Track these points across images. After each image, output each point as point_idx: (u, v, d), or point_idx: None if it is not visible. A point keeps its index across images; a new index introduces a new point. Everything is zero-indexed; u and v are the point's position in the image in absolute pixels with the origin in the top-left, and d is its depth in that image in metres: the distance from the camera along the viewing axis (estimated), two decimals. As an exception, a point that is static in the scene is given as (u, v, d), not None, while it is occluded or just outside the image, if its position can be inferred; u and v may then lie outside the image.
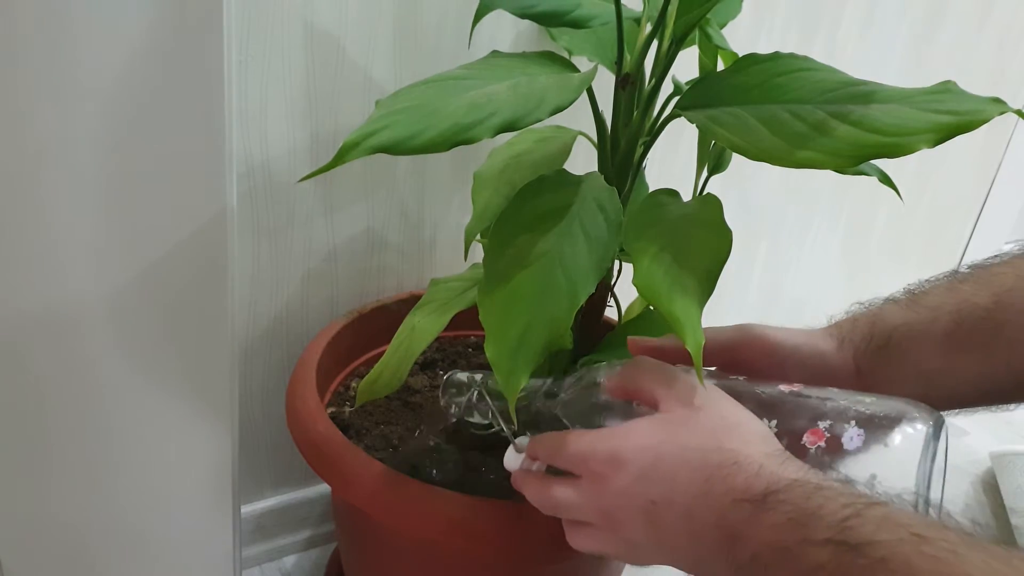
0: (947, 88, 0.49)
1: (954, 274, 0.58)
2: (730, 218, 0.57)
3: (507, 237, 0.54)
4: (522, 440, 0.57)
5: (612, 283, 0.70)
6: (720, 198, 0.59)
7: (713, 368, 0.56)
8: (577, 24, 0.64)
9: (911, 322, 0.56)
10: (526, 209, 0.56)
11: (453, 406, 0.66)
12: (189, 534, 0.70)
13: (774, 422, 0.48)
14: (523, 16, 0.64)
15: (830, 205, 1.28)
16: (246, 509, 0.90)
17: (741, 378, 0.54)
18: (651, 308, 0.73)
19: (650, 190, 0.66)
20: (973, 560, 0.35)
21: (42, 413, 0.59)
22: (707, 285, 0.52)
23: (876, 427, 0.46)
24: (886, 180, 0.71)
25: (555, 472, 0.52)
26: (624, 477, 0.45)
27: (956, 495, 1.19)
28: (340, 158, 0.47)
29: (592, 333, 0.69)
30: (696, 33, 0.68)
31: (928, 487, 0.44)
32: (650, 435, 0.46)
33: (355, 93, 0.77)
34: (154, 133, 0.54)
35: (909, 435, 0.45)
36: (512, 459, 0.56)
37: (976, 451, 1.25)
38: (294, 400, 0.70)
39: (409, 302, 0.73)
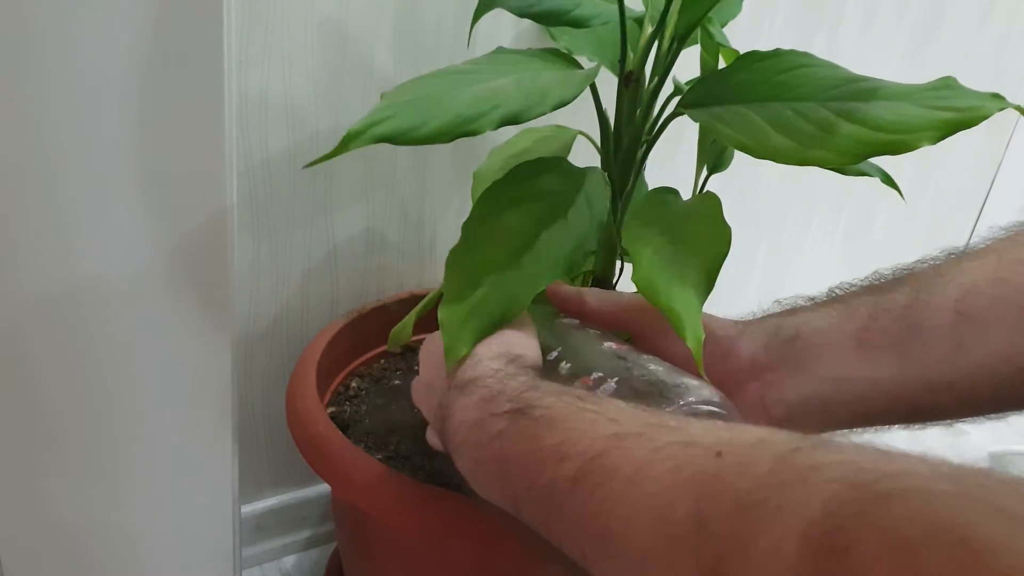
0: (947, 84, 0.49)
1: (878, 276, 0.55)
2: (730, 217, 0.57)
3: (491, 210, 0.55)
4: None
5: (614, 283, 0.70)
6: (720, 197, 0.59)
7: (567, 320, 0.60)
8: (577, 23, 0.64)
9: (822, 318, 0.53)
10: (518, 187, 0.56)
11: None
12: (189, 534, 0.69)
13: (569, 365, 0.53)
14: (522, 15, 0.64)
15: (830, 205, 1.28)
16: (246, 509, 0.90)
17: (590, 329, 0.58)
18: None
19: (650, 189, 0.66)
20: (615, 407, 0.41)
21: (42, 413, 0.59)
22: (707, 281, 0.52)
23: (636, 393, 0.49)
24: (888, 180, 0.71)
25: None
26: (423, 362, 0.57)
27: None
28: (344, 146, 0.47)
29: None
30: (698, 32, 0.68)
31: None
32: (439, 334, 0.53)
33: (356, 93, 0.77)
34: (154, 133, 0.54)
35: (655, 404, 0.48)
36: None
37: (976, 451, 1.25)
38: (294, 400, 0.70)
39: (409, 302, 0.73)
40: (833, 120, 0.49)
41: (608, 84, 0.61)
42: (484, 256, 0.53)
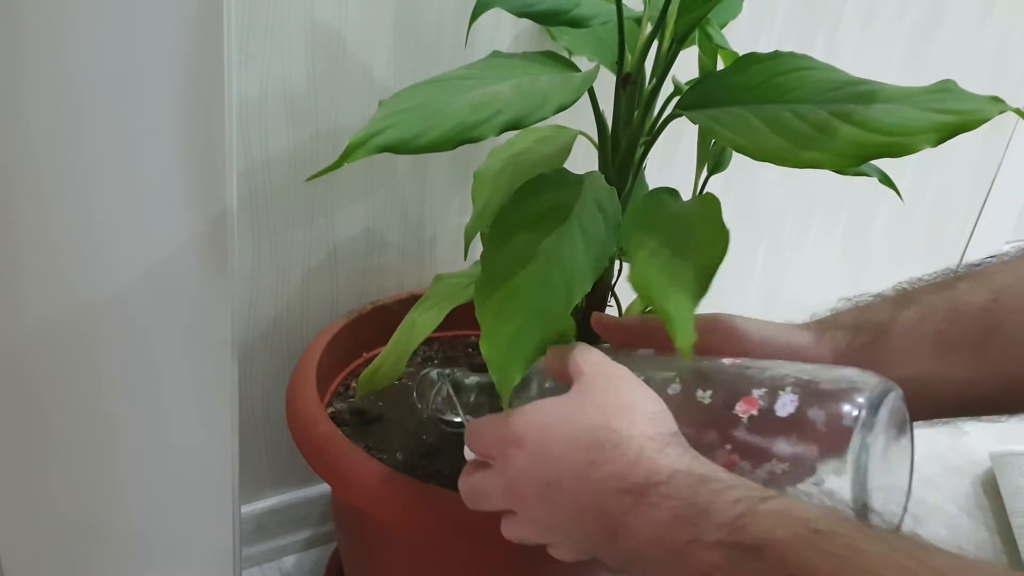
0: (947, 87, 0.49)
1: (949, 272, 0.55)
2: (730, 218, 0.56)
3: (505, 234, 0.54)
4: None
5: (612, 283, 0.70)
6: (720, 198, 0.59)
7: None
8: (576, 23, 0.64)
9: (900, 320, 0.53)
10: (525, 207, 0.56)
11: (426, 404, 0.65)
12: (189, 534, 0.70)
13: (708, 392, 0.47)
14: (521, 15, 0.64)
15: (830, 205, 1.28)
16: (246, 509, 0.90)
17: (654, 353, 0.53)
18: (651, 308, 0.73)
19: (650, 190, 0.66)
20: (875, 554, 0.33)
21: (42, 413, 0.59)
22: (703, 283, 0.51)
23: (812, 393, 0.44)
24: (886, 180, 0.71)
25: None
26: (523, 455, 0.44)
27: (956, 495, 1.19)
28: (345, 157, 0.47)
29: (592, 332, 0.69)
30: (696, 33, 0.68)
31: (867, 456, 0.41)
32: (548, 413, 0.45)
33: (355, 93, 0.77)
34: (154, 133, 0.54)
35: (848, 403, 0.43)
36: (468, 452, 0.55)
37: (976, 451, 1.25)
38: (294, 400, 0.70)
39: (409, 302, 0.73)
40: (831, 122, 0.49)
41: (608, 84, 0.61)
42: (511, 284, 0.52)
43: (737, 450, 0.44)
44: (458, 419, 0.62)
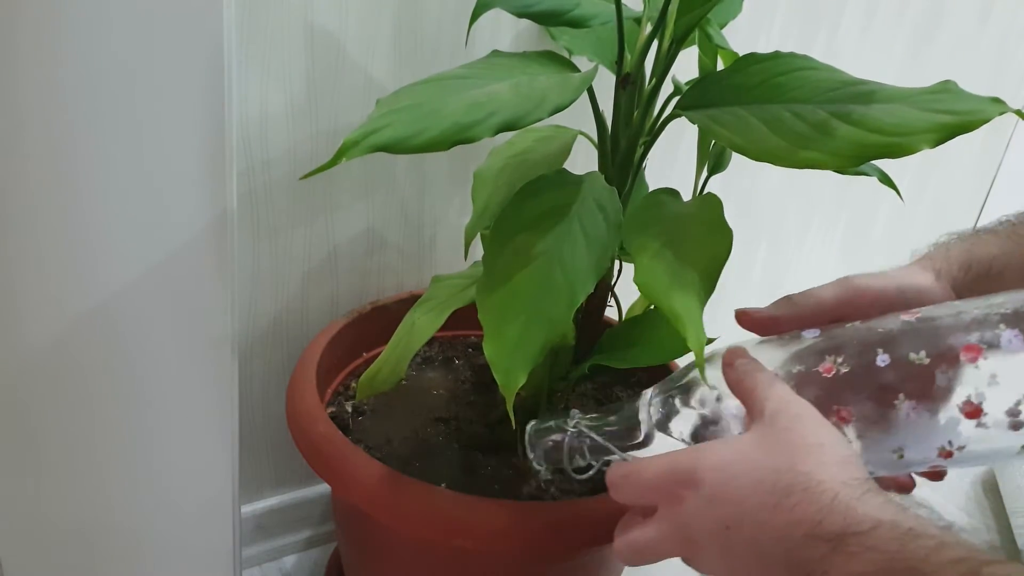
0: (947, 88, 0.49)
1: None
2: (730, 218, 0.57)
3: (506, 236, 0.54)
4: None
5: (612, 283, 0.70)
6: (720, 198, 0.59)
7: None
8: (576, 23, 0.64)
9: (1011, 252, 0.52)
10: (526, 208, 0.56)
11: (546, 459, 0.57)
12: (189, 534, 0.70)
13: (922, 353, 0.44)
14: (521, 15, 0.64)
15: (830, 205, 1.28)
16: (246, 509, 0.90)
17: (856, 323, 0.49)
18: (652, 308, 0.73)
19: (650, 190, 0.66)
20: None
21: (42, 413, 0.59)
22: (708, 283, 0.52)
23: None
24: (886, 180, 0.71)
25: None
26: (698, 497, 0.41)
27: (956, 495, 1.19)
28: (340, 156, 0.47)
29: (592, 332, 0.69)
30: (696, 33, 0.68)
31: None
32: (724, 452, 0.42)
33: (355, 93, 0.77)
34: (154, 133, 0.54)
35: None
36: None
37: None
38: (294, 400, 0.70)
39: (409, 302, 0.73)
40: (830, 122, 0.49)
41: (608, 84, 0.61)
42: (513, 286, 0.52)
43: (979, 399, 0.43)
44: (585, 462, 0.56)
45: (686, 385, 0.52)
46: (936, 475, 0.49)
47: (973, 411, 0.43)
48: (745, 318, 0.52)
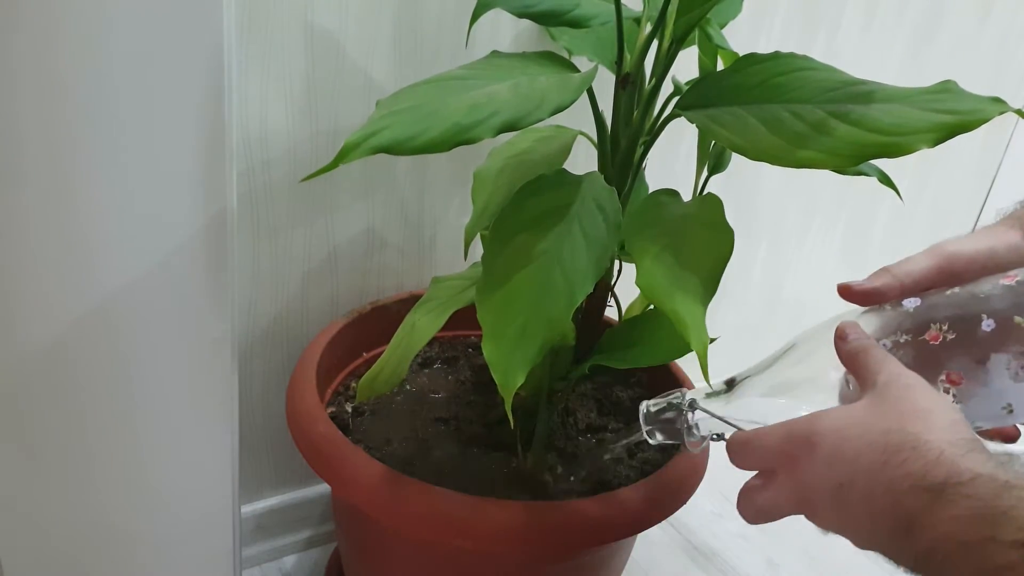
0: (947, 88, 0.49)
1: None
2: (730, 218, 0.57)
3: (506, 236, 0.54)
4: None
5: (612, 283, 0.70)
6: (720, 198, 0.59)
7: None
8: (576, 23, 0.64)
9: None
10: (525, 208, 0.56)
11: (661, 432, 0.59)
12: (189, 534, 0.70)
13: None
14: (522, 15, 0.64)
15: (830, 205, 1.28)
16: (246, 509, 0.90)
17: (955, 289, 0.51)
18: (652, 308, 0.73)
19: (650, 190, 0.66)
20: None
21: (41, 413, 0.59)
22: (710, 284, 0.52)
23: None
24: (886, 180, 0.71)
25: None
26: (815, 459, 0.44)
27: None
28: (341, 158, 0.47)
29: (592, 332, 0.69)
30: (696, 33, 0.68)
31: None
32: (839, 418, 0.45)
33: (355, 93, 0.77)
34: (154, 133, 0.54)
35: None
36: None
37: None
38: (294, 400, 0.70)
39: (409, 302, 0.73)
40: (829, 122, 0.49)
41: (608, 84, 0.61)
42: (513, 286, 0.52)
43: None
44: (703, 438, 0.58)
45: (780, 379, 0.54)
46: None
47: None
48: (847, 292, 0.53)
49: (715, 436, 0.56)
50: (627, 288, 0.58)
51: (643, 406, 0.59)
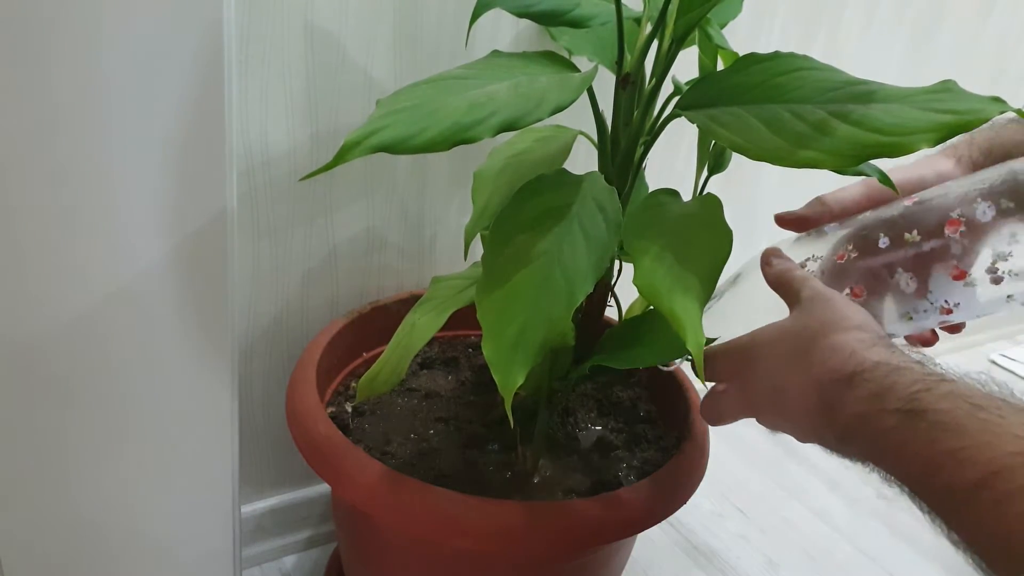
0: (947, 87, 0.49)
1: None
2: (730, 218, 0.57)
3: (506, 236, 0.54)
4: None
5: (612, 283, 0.70)
6: (720, 198, 0.59)
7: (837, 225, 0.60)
8: (576, 23, 0.64)
9: None
10: (525, 208, 0.56)
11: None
12: (189, 534, 0.70)
13: (915, 232, 0.53)
14: (522, 15, 0.64)
15: (830, 205, 1.28)
16: (246, 509, 0.90)
17: (867, 213, 0.57)
18: (652, 308, 0.73)
19: (650, 190, 0.66)
20: (1019, 420, 0.40)
21: (41, 413, 0.59)
22: (708, 285, 0.52)
23: (998, 194, 0.50)
24: (886, 180, 0.71)
25: None
26: (756, 370, 0.52)
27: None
28: (341, 157, 0.47)
29: (592, 332, 0.69)
30: (696, 33, 0.68)
31: None
32: (773, 334, 0.52)
33: (355, 93, 0.77)
34: (154, 133, 0.54)
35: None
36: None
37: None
38: (294, 400, 0.70)
39: (409, 302, 0.73)
40: (829, 122, 0.49)
41: (609, 84, 0.61)
42: (513, 285, 0.52)
43: (960, 262, 0.51)
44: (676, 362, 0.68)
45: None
46: (955, 328, 0.58)
47: (959, 274, 0.52)
48: (781, 220, 0.62)
49: (686, 359, 0.63)
50: (627, 288, 0.58)
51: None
